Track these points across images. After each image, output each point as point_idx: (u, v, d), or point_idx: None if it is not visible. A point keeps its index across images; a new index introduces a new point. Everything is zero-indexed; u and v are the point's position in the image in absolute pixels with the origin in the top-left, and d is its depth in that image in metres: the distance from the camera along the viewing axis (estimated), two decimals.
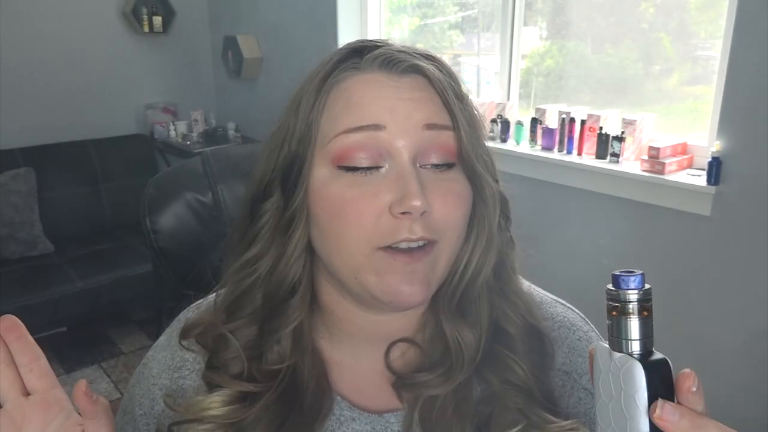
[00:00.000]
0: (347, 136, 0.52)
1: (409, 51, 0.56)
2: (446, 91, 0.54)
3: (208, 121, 3.71)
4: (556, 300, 0.67)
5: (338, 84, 0.54)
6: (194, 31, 3.71)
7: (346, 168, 0.52)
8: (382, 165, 0.52)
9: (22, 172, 2.94)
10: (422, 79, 0.54)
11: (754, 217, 1.74)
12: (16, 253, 2.86)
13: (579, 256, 2.19)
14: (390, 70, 0.54)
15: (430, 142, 0.53)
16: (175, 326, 0.66)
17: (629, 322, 0.38)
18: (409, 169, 0.51)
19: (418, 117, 0.53)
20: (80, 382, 0.46)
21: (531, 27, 2.48)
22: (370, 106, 0.52)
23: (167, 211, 0.91)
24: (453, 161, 0.54)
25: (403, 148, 0.52)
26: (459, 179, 0.55)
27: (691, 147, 2.00)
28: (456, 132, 0.54)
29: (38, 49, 3.18)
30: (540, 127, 2.25)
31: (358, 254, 0.53)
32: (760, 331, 1.79)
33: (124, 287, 2.83)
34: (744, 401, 1.86)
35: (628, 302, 0.38)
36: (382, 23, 3.00)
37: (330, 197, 0.53)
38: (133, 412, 0.64)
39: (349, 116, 0.52)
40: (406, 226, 0.51)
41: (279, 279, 0.56)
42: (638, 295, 0.38)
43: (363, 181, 0.52)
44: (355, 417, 0.58)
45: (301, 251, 0.56)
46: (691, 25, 2.03)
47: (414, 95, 0.53)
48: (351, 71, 0.55)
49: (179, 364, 0.63)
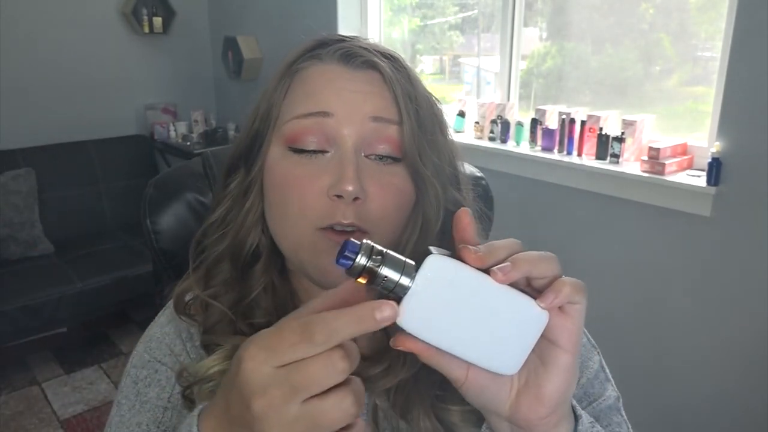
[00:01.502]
0: (299, 121, 0.56)
1: (369, 48, 0.59)
2: (396, 88, 0.57)
3: (208, 121, 3.71)
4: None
5: (300, 72, 0.59)
6: (194, 32, 3.72)
7: (295, 149, 0.57)
8: (328, 150, 0.56)
9: (22, 172, 2.94)
10: (377, 74, 0.58)
11: (754, 218, 1.74)
12: (16, 253, 2.86)
13: (579, 257, 2.19)
14: (347, 63, 0.58)
15: (376, 134, 0.56)
16: (171, 306, 0.68)
17: (383, 278, 0.39)
18: (349, 156, 0.55)
19: (366, 108, 0.56)
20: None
21: (531, 28, 2.48)
22: (322, 94, 0.56)
23: (168, 211, 0.91)
24: (398, 156, 0.57)
25: (347, 136, 0.55)
26: (401, 174, 0.58)
27: (691, 148, 2.00)
28: (401, 127, 0.57)
29: (38, 50, 3.18)
30: (540, 127, 2.25)
31: (299, 232, 0.57)
32: (760, 331, 1.79)
33: (124, 287, 2.83)
34: (744, 401, 1.86)
35: (364, 267, 0.39)
36: (382, 24, 3.00)
37: (278, 174, 0.58)
38: (145, 394, 0.64)
39: (304, 103, 0.57)
40: (340, 210, 0.54)
41: (239, 246, 0.61)
42: (363, 256, 0.39)
43: (308, 162, 0.56)
44: None
45: (254, 221, 0.61)
46: (691, 25, 2.03)
47: (365, 88, 0.57)
48: (313, 61, 0.59)
49: (186, 336, 0.66)
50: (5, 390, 2.63)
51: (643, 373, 2.10)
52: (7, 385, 2.67)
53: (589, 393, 0.63)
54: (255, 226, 0.61)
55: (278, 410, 0.37)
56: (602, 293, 2.15)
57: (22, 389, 2.64)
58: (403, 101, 0.57)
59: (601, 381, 0.64)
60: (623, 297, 2.11)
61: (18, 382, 2.69)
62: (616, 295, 2.12)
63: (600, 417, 0.62)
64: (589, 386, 0.63)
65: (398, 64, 0.60)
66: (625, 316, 2.11)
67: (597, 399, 0.63)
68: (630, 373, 2.11)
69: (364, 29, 2.97)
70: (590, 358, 0.65)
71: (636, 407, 2.12)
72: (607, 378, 0.65)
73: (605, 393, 0.63)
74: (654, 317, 2.04)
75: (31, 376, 2.74)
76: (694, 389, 1.99)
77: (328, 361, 0.37)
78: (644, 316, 2.07)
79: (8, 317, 2.54)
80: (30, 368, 2.79)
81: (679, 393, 2.03)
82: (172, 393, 0.63)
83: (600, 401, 0.63)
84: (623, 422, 0.63)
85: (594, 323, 0.77)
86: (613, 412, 0.63)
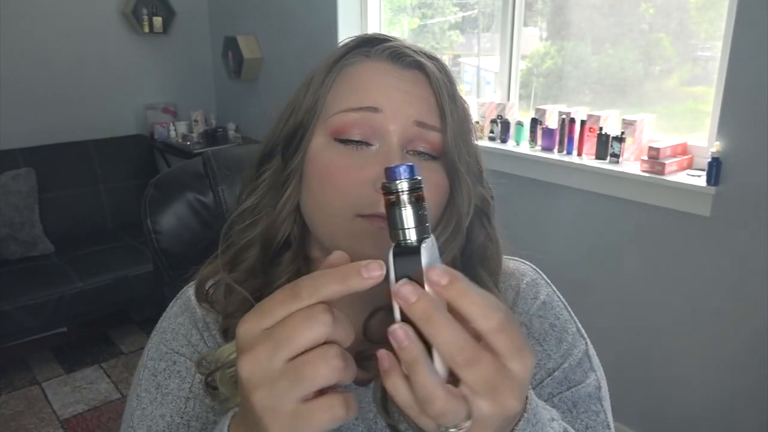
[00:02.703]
0: (347, 114, 0.58)
1: (414, 48, 0.61)
2: (441, 91, 0.59)
3: (208, 121, 3.71)
4: (507, 258, 0.72)
5: (347, 67, 0.61)
6: (194, 32, 3.72)
7: (340, 140, 0.58)
8: (373, 143, 0.58)
9: (22, 172, 2.94)
10: (422, 76, 0.60)
11: (754, 217, 1.74)
12: (17, 253, 2.86)
13: (579, 257, 2.19)
14: (395, 61, 0.60)
15: (418, 135, 0.58)
16: (183, 296, 0.69)
17: (403, 212, 0.38)
18: (396, 151, 0.57)
19: (410, 111, 0.58)
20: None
21: (531, 27, 2.48)
22: (371, 90, 0.58)
23: (168, 211, 0.91)
24: (436, 155, 0.59)
25: (393, 132, 0.57)
26: (439, 171, 0.60)
27: (691, 147, 2.00)
28: (443, 134, 0.59)
29: (38, 50, 3.18)
30: (540, 127, 2.25)
31: (339, 218, 0.57)
32: (760, 331, 1.79)
33: (124, 287, 2.83)
34: (744, 401, 1.87)
35: (401, 192, 0.38)
36: (382, 23, 3.01)
37: (322, 163, 0.59)
38: (166, 386, 0.64)
39: (352, 97, 0.58)
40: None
41: (272, 234, 0.62)
42: (409, 184, 0.38)
43: (354, 153, 0.58)
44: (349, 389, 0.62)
45: (291, 210, 0.62)
46: (691, 25, 2.03)
47: (412, 90, 0.59)
48: (361, 57, 0.61)
49: (203, 326, 0.66)
50: (5, 390, 2.63)
51: (641, 374, 2.10)
52: (7, 385, 2.67)
53: (569, 378, 0.64)
54: (290, 216, 0.62)
55: (263, 366, 0.37)
56: (602, 293, 2.15)
57: (22, 389, 2.64)
58: (448, 104, 0.59)
59: (584, 369, 0.65)
60: (623, 297, 2.11)
61: (18, 382, 2.69)
62: (615, 295, 2.13)
63: (578, 403, 0.63)
64: (571, 372, 0.65)
65: (440, 66, 0.62)
66: (625, 316, 2.11)
67: (576, 385, 0.64)
68: (628, 374, 2.11)
69: (364, 29, 2.97)
70: (575, 346, 0.66)
71: (632, 408, 2.13)
72: (591, 368, 0.66)
73: (586, 381, 0.65)
74: (654, 317, 2.04)
75: (31, 376, 2.74)
76: (694, 389, 1.99)
77: (309, 312, 0.37)
78: (644, 316, 2.07)
79: (8, 317, 2.54)
80: (30, 368, 2.79)
81: (677, 393, 2.03)
82: (193, 383, 0.63)
83: (579, 388, 0.64)
84: (602, 411, 0.64)
85: (593, 323, 0.77)
86: (593, 400, 0.64)
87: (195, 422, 0.62)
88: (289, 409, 0.36)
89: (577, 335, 0.68)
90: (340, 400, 0.37)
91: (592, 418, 0.63)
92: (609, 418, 0.64)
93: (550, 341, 0.66)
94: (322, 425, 0.37)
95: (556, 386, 0.64)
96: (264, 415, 0.37)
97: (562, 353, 0.65)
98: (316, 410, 0.37)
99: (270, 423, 0.37)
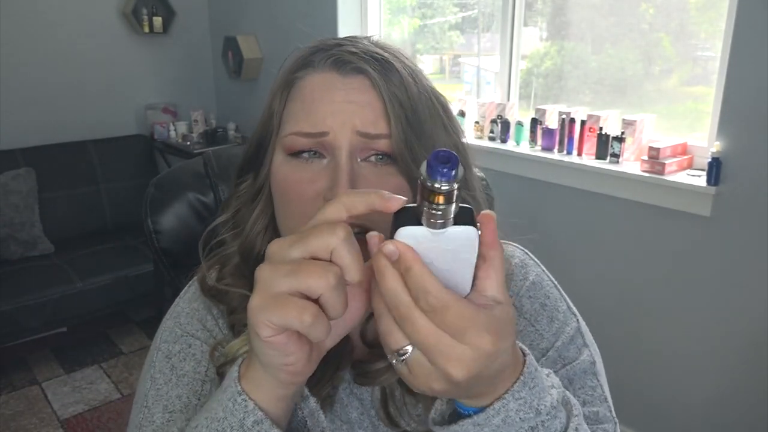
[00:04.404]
0: (297, 138, 0.59)
1: (361, 52, 0.60)
2: (383, 95, 0.58)
3: (208, 121, 3.71)
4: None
5: (298, 81, 0.61)
6: (194, 32, 3.72)
7: (293, 155, 0.60)
8: (326, 156, 0.59)
9: (22, 172, 2.94)
10: (367, 80, 0.59)
11: (754, 218, 1.74)
12: (16, 253, 2.86)
13: (579, 257, 2.19)
14: (338, 70, 0.60)
15: (365, 145, 0.58)
16: (196, 283, 0.70)
17: (452, 207, 0.41)
18: (342, 165, 0.57)
19: (353, 122, 0.57)
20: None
21: (531, 27, 2.48)
22: (318, 112, 0.58)
23: (169, 211, 0.91)
24: (391, 159, 0.59)
25: (342, 148, 0.57)
26: (397, 174, 0.59)
27: (691, 147, 2.00)
28: (390, 137, 0.58)
29: (38, 49, 3.18)
30: (540, 127, 2.25)
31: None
32: (760, 331, 1.79)
33: (124, 287, 2.83)
34: (744, 401, 1.87)
35: (453, 191, 0.40)
36: (382, 24, 3.01)
37: (280, 179, 0.61)
38: (181, 368, 0.64)
39: (302, 120, 0.59)
40: None
41: (248, 247, 0.64)
42: (458, 182, 0.40)
43: (306, 167, 0.59)
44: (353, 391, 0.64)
45: (264, 225, 0.64)
46: (691, 25, 2.03)
47: (357, 98, 0.58)
48: (308, 69, 0.61)
49: (217, 313, 0.68)
50: (5, 390, 2.63)
51: (641, 374, 2.11)
52: (7, 384, 2.67)
53: (563, 356, 0.65)
54: (265, 230, 0.64)
55: (282, 249, 0.43)
56: (602, 293, 2.15)
57: (22, 389, 2.64)
58: (392, 106, 0.58)
59: (577, 346, 0.66)
60: (623, 297, 2.11)
61: (18, 382, 2.69)
62: (615, 294, 2.13)
63: (574, 380, 0.64)
64: (564, 350, 0.65)
65: (390, 66, 0.60)
66: (625, 315, 2.11)
67: (571, 362, 0.65)
68: (628, 374, 2.11)
69: (364, 29, 2.97)
70: (567, 324, 0.67)
71: (632, 408, 2.13)
72: (584, 344, 0.67)
73: (580, 357, 0.65)
74: (654, 317, 2.05)
75: (31, 376, 2.74)
76: (694, 389, 1.99)
77: (333, 225, 0.42)
78: (644, 316, 2.07)
79: (8, 317, 2.54)
80: (30, 368, 2.79)
81: (677, 393, 2.03)
82: (209, 367, 0.64)
83: (574, 364, 0.65)
84: (598, 386, 0.65)
85: (593, 322, 0.77)
86: (588, 375, 0.65)
87: None
88: (276, 291, 0.42)
89: (568, 313, 0.68)
90: (312, 311, 0.41)
91: (589, 393, 0.64)
92: (606, 392, 0.65)
93: (542, 321, 0.66)
94: (289, 319, 0.41)
95: (550, 365, 0.64)
96: (258, 283, 0.43)
97: (554, 332, 0.66)
98: (291, 304, 0.41)
99: (258, 291, 0.42)
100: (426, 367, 0.41)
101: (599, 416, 0.63)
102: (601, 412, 0.63)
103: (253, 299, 0.42)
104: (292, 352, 0.43)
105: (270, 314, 0.41)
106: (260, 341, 0.42)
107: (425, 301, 0.40)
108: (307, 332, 0.42)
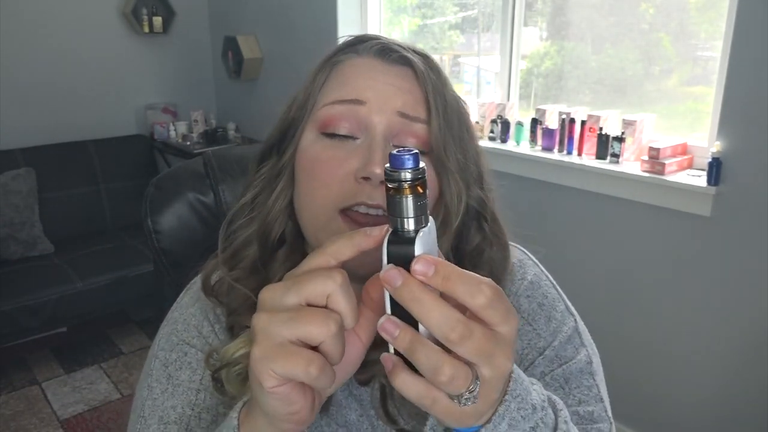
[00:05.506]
0: (333, 106, 0.59)
1: (403, 45, 0.62)
2: (427, 85, 0.60)
3: (208, 121, 3.71)
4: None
5: (338, 64, 0.62)
6: (194, 32, 3.72)
7: (327, 134, 0.59)
8: (359, 137, 0.59)
9: (22, 172, 2.94)
10: (410, 71, 0.61)
11: (754, 217, 1.74)
12: (16, 253, 2.86)
13: (579, 257, 2.19)
14: (383, 57, 0.61)
15: (404, 128, 0.59)
16: (194, 287, 0.70)
17: (403, 201, 0.39)
18: (378, 141, 0.57)
19: (396, 102, 0.59)
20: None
21: (531, 27, 2.48)
22: (357, 84, 0.59)
23: (169, 211, 0.91)
24: (424, 150, 0.59)
25: (378, 124, 0.58)
26: (427, 166, 0.58)
27: (691, 147, 2.00)
28: (429, 123, 0.59)
29: (38, 49, 3.18)
30: (540, 127, 2.25)
31: (322, 215, 0.58)
32: (760, 331, 1.79)
33: (124, 287, 2.83)
34: (743, 401, 1.87)
35: (404, 181, 0.38)
36: (382, 23, 3.01)
37: (308, 156, 0.60)
38: (177, 377, 0.65)
39: (339, 90, 0.60)
40: (365, 192, 0.56)
41: (267, 230, 0.63)
42: (412, 173, 0.38)
43: (338, 146, 0.59)
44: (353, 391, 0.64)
45: (283, 206, 0.63)
46: (691, 25, 2.03)
47: (398, 83, 0.60)
48: (350, 54, 0.62)
49: (214, 318, 0.67)
50: (5, 390, 2.63)
51: (640, 374, 2.11)
52: (7, 385, 2.67)
53: (560, 356, 0.65)
54: (283, 212, 0.63)
55: (276, 296, 0.42)
56: (602, 293, 2.15)
57: (22, 389, 2.64)
58: (433, 97, 0.59)
59: (575, 345, 0.66)
60: (623, 297, 2.11)
61: (18, 382, 2.69)
62: (615, 294, 2.13)
63: (570, 379, 0.64)
64: (561, 349, 0.65)
65: (429, 62, 0.62)
66: (625, 315, 2.11)
67: (568, 361, 0.65)
68: (627, 374, 2.11)
69: (365, 29, 2.97)
70: (565, 323, 0.67)
71: (632, 408, 2.13)
72: (582, 343, 0.66)
73: (577, 356, 0.65)
74: (653, 317, 2.05)
75: (31, 376, 2.74)
76: (693, 389, 1.99)
77: (329, 271, 0.42)
78: (644, 316, 2.07)
79: (8, 317, 2.54)
80: (30, 368, 2.79)
81: (677, 393, 2.03)
82: (204, 375, 0.64)
83: (570, 364, 0.64)
84: (594, 386, 0.64)
85: (592, 322, 0.78)
86: (584, 375, 0.64)
87: (206, 414, 0.63)
88: (278, 341, 0.41)
89: (566, 312, 0.68)
90: (319, 363, 0.40)
91: (585, 393, 0.63)
92: (602, 392, 0.65)
93: (539, 320, 0.66)
94: (294, 370, 0.40)
95: (547, 365, 0.64)
96: (258, 334, 0.42)
97: (551, 331, 0.66)
98: (297, 355, 0.40)
99: (259, 342, 0.41)
100: (496, 387, 0.41)
101: (594, 416, 0.63)
102: (596, 411, 0.63)
103: (255, 349, 0.41)
104: (296, 401, 0.43)
105: (274, 365, 0.40)
106: (264, 392, 0.41)
107: (483, 293, 0.38)
108: (313, 383, 0.41)
